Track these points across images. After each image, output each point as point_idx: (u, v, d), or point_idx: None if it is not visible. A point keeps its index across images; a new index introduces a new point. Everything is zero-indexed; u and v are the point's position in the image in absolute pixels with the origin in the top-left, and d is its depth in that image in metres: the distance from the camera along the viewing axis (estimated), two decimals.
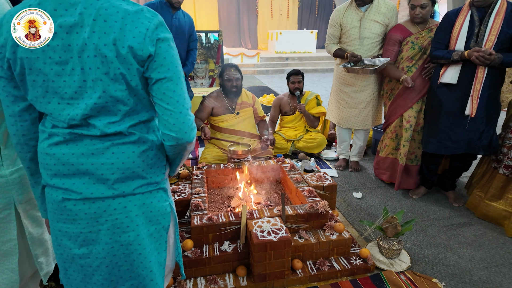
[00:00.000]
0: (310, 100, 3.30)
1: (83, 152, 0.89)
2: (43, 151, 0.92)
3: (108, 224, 0.93)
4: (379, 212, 2.32)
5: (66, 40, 0.82)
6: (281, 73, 10.00)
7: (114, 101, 0.88)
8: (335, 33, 2.68)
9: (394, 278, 1.66)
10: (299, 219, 1.74)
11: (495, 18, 1.93)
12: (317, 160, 3.25)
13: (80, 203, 0.91)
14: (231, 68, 2.81)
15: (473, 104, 2.02)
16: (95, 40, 0.82)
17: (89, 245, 0.95)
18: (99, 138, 0.90)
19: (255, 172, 2.34)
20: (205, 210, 1.76)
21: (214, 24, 12.67)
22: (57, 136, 0.90)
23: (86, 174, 0.90)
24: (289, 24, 13.77)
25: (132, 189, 0.94)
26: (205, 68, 4.69)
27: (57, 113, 0.88)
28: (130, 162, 0.92)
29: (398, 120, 2.52)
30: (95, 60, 0.83)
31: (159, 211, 1.00)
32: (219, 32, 4.65)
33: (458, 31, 2.05)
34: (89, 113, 0.87)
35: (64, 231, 0.94)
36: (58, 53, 0.83)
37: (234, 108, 2.92)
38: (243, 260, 1.65)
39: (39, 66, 0.84)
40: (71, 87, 0.85)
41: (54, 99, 0.87)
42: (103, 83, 0.85)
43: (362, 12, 2.52)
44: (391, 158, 2.63)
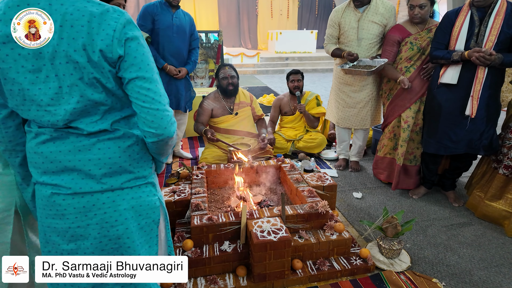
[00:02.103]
0: (310, 101, 3.30)
1: (70, 149, 0.91)
2: (31, 150, 0.93)
3: (96, 218, 0.94)
4: (379, 212, 2.32)
5: (37, 48, 0.81)
6: (281, 73, 10.00)
7: (93, 104, 0.89)
8: (333, 33, 2.68)
9: (394, 278, 1.66)
10: (299, 219, 1.74)
11: (495, 18, 1.93)
12: (317, 160, 3.25)
13: (69, 198, 0.92)
14: (225, 67, 2.81)
15: (473, 105, 2.01)
16: (64, 47, 0.82)
17: (78, 240, 0.96)
18: (85, 136, 0.91)
19: (254, 172, 2.34)
20: (205, 210, 1.76)
21: (214, 24, 12.67)
22: (44, 134, 0.91)
23: (74, 170, 0.91)
24: (289, 24, 13.77)
25: (120, 183, 0.95)
26: (205, 68, 4.69)
27: (39, 119, 0.89)
28: (117, 157, 0.94)
29: (396, 120, 2.53)
30: (68, 67, 0.83)
31: (148, 205, 1.01)
32: (219, 32, 4.66)
33: (458, 31, 2.04)
34: (70, 117, 0.88)
35: (53, 227, 0.95)
36: (30, 61, 0.83)
37: (232, 109, 2.92)
38: (243, 260, 1.65)
39: (13, 76, 0.83)
40: (47, 94, 0.86)
41: (33, 107, 0.87)
42: (79, 88, 0.85)
43: (360, 13, 2.52)
44: (389, 158, 2.64)
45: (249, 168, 2.34)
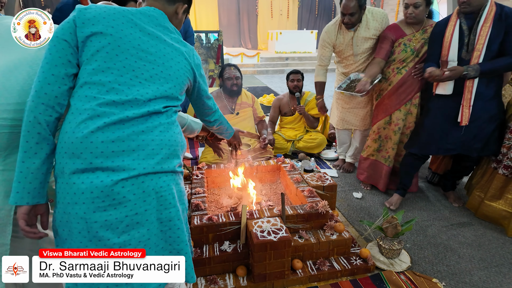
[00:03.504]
0: (310, 101, 3.30)
1: (134, 130, 0.93)
2: (79, 135, 0.88)
3: (154, 202, 0.96)
4: (379, 212, 2.32)
5: (158, 47, 1.01)
6: (281, 73, 9.99)
7: (175, 95, 1.03)
8: (326, 54, 2.63)
9: (394, 278, 1.66)
10: (299, 219, 1.74)
11: (483, 26, 1.89)
12: (317, 160, 3.25)
13: (128, 184, 0.91)
14: (230, 67, 2.82)
15: (464, 113, 2.01)
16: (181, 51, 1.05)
17: (132, 230, 0.93)
18: (149, 116, 0.96)
19: (254, 172, 2.34)
20: (205, 210, 1.76)
21: (214, 24, 12.68)
22: (106, 115, 0.91)
23: (135, 151, 0.93)
24: (289, 24, 13.77)
25: (174, 166, 1.00)
26: (205, 68, 4.70)
27: (126, 87, 0.93)
28: (174, 140, 1.01)
29: (382, 121, 2.49)
30: (177, 63, 1.03)
31: (181, 191, 1.07)
32: (219, 32, 4.66)
33: (449, 41, 2.01)
34: (156, 96, 0.97)
35: (103, 220, 0.89)
36: (149, 48, 0.99)
37: (233, 109, 2.92)
38: (243, 260, 1.65)
39: (128, 47, 0.95)
40: (149, 72, 0.97)
41: (128, 75, 0.94)
42: (178, 80, 1.02)
43: (352, 32, 2.48)
44: (372, 160, 2.60)
45: (249, 168, 2.34)
